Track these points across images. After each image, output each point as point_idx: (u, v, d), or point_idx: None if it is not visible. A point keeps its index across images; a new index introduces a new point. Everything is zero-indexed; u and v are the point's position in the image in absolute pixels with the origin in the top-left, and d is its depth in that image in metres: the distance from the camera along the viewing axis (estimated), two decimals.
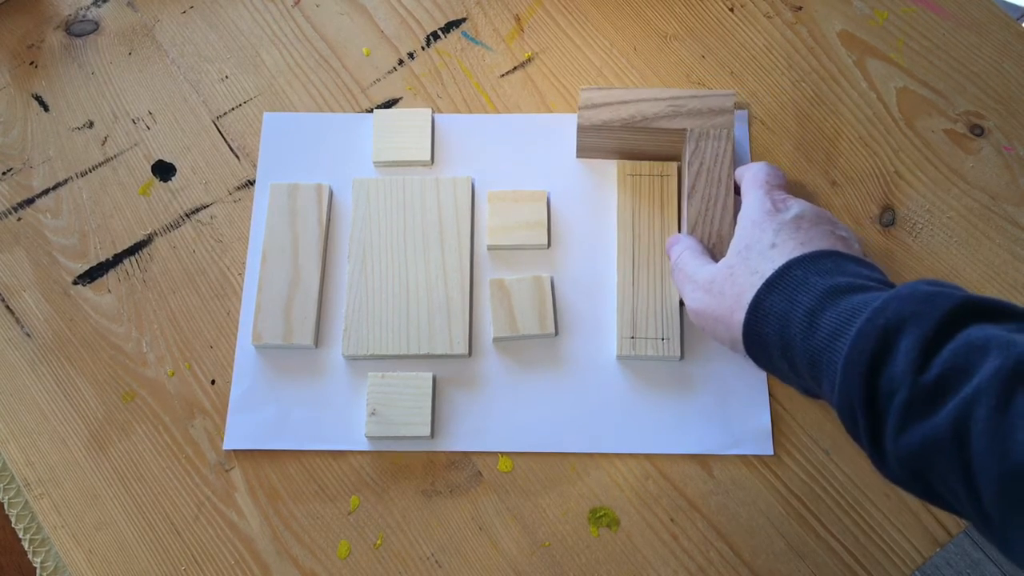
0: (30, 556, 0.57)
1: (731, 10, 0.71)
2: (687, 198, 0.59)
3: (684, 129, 0.61)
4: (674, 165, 0.64)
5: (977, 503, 0.37)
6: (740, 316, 0.48)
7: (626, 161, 0.64)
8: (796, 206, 0.52)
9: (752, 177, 0.55)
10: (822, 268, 0.46)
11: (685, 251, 0.56)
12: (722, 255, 0.57)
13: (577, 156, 0.66)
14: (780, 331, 0.45)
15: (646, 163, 0.64)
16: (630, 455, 0.58)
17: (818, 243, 0.48)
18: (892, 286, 0.45)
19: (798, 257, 0.47)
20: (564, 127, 0.66)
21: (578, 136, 0.63)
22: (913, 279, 0.62)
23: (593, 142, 0.64)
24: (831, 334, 0.42)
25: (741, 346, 0.49)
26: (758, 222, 0.51)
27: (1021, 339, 0.37)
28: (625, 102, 0.62)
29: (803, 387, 0.47)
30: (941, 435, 0.37)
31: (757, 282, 0.48)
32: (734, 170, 0.60)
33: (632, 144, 0.63)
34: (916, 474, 0.40)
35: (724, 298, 0.50)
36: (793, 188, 0.65)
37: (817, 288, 0.45)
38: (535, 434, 0.59)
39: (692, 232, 0.58)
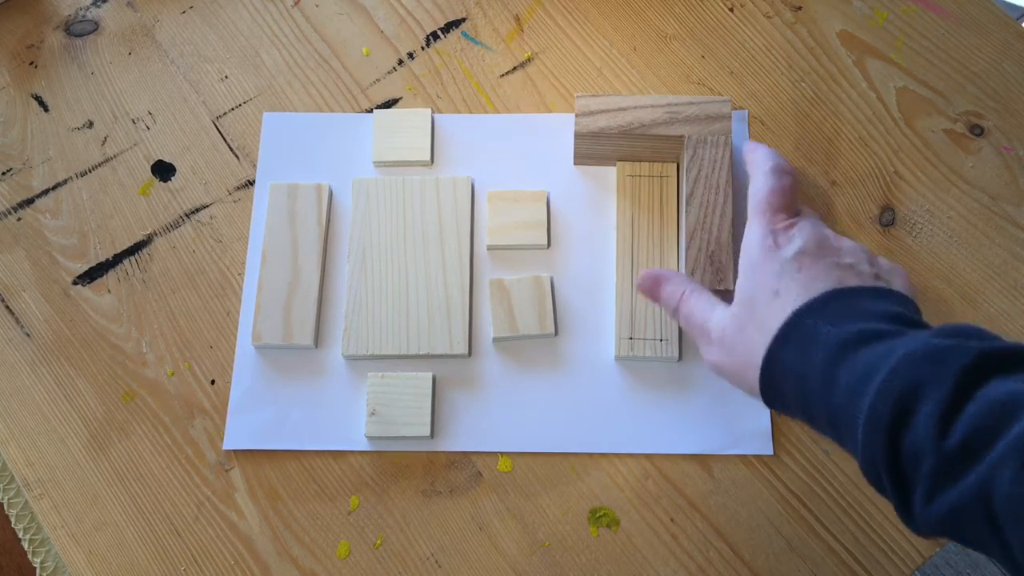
0: (30, 556, 0.58)
1: (731, 10, 0.71)
2: (685, 204, 0.59)
3: (682, 136, 0.61)
4: (674, 166, 0.64)
5: (1012, 561, 0.37)
6: (755, 374, 0.46)
7: (626, 162, 0.64)
8: (798, 237, 0.49)
9: (754, 195, 0.52)
10: (832, 314, 0.44)
11: (690, 295, 0.52)
12: (721, 262, 0.57)
13: (575, 163, 0.65)
14: (797, 388, 0.44)
15: (646, 164, 0.64)
16: (630, 455, 0.58)
17: (823, 281, 0.46)
18: (907, 315, 0.44)
19: (806, 306, 0.45)
20: (564, 127, 0.66)
21: (575, 143, 0.63)
22: (913, 279, 0.62)
23: (590, 149, 0.64)
24: (849, 393, 0.41)
25: (760, 397, 0.48)
26: (759, 264, 0.49)
27: None
28: (622, 109, 0.62)
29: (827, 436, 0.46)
30: (969, 503, 0.37)
31: (766, 340, 0.46)
32: (732, 176, 0.59)
33: (629, 151, 0.63)
34: (948, 534, 0.39)
35: (736, 355, 0.48)
36: None
37: (830, 341, 0.43)
38: (535, 434, 0.59)
39: (691, 239, 0.58)
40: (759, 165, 0.53)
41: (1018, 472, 0.35)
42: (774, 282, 0.47)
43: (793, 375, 0.44)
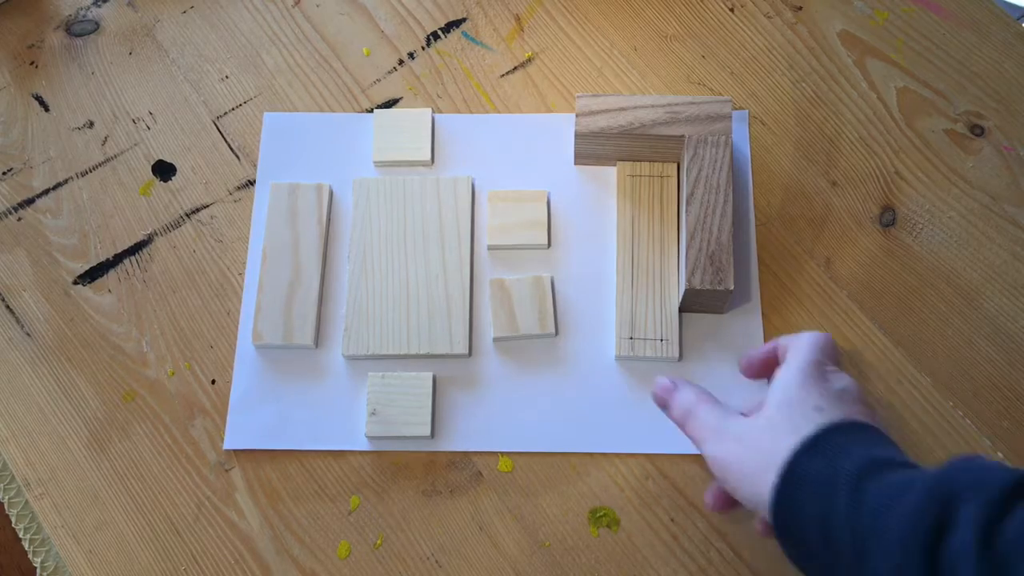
0: (30, 556, 0.57)
1: (731, 10, 0.71)
2: (685, 205, 0.59)
3: (682, 136, 0.61)
4: (674, 166, 0.64)
5: None
6: (771, 477, 0.44)
7: (626, 162, 0.64)
8: (845, 379, 0.49)
9: (805, 343, 0.51)
10: (865, 439, 0.45)
11: (703, 403, 0.51)
12: (721, 262, 0.57)
13: (575, 163, 0.65)
14: (819, 499, 0.43)
15: (646, 164, 0.64)
16: (630, 455, 0.58)
17: (861, 418, 0.47)
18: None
19: (841, 422, 0.45)
20: (564, 127, 0.66)
21: (576, 143, 0.63)
22: (913, 279, 0.62)
23: (590, 149, 0.64)
24: (880, 506, 0.40)
25: (766, 508, 0.45)
26: (805, 384, 0.48)
27: None
28: (622, 109, 0.62)
29: (829, 569, 0.44)
30: None
31: (795, 443, 0.45)
32: (732, 175, 0.59)
33: (629, 151, 0.63)
34: None
35: (759, 453, 0.46)
36: (793, 188, 0.65)
37: (862, 457, 0.43)
38: (535, 434, 0.59)
39: (691, 239, 0.58)
40: (805, 336, 0.52)
41: None
42: (817, 399, 0.47)
43: (817, 483, 0.43)
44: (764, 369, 0.54)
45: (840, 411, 0.46)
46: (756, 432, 0.47)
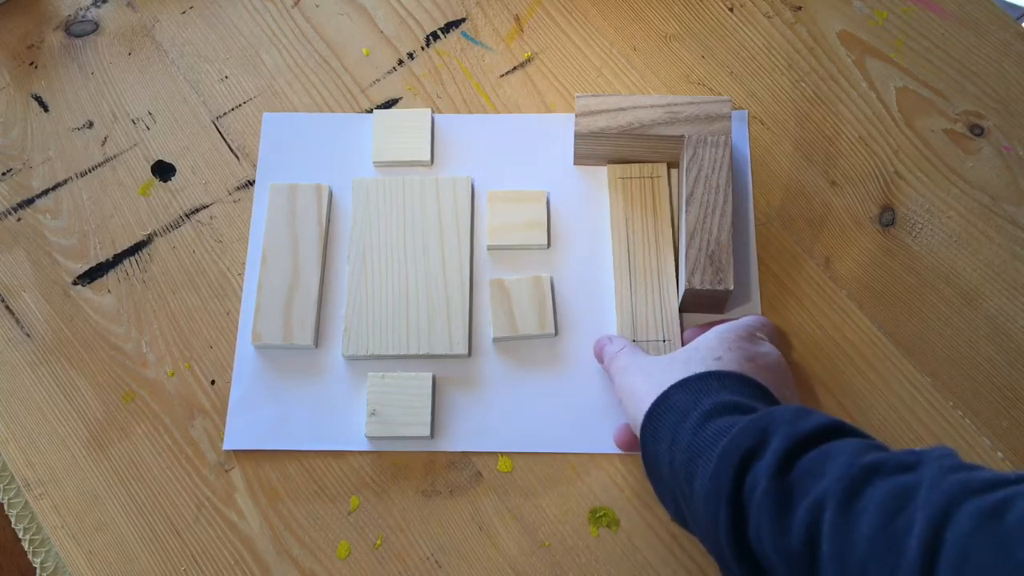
0: (30, 556, 0.57)
1: (731, 10, 0.71)
2: (685, 205, 0.59)
3: (682, 136, 0.61)
4: (663, 166, 0.64)
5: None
6: (649, 401, 0.49)
7: (616, 164, 0.64)
8: (769, 348, 0.53)
9: (744, 318, 0.56)
10: (740, 390, 0.48)
11: (627, 348, 0.56)
12: (721, 261, 0.57)
13: (575, 163, 0.65)
14: (673, 425, 0.47)
15: (635, 165, 0.64)
16: (630, 455, 0.58)
17: (761, 379, 0.49)
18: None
19: (727, 372, 0.49)
20: (564, 127, 0.66)
21: (575, 143, 0.63)
22: (913, 279, 0.62)
23: (590, 149, 0.64)
24: (715, 435, 0.44)
25: (639, 429, 0.50)
26: (725, 337, 0.52)
27: (879, 452, 0.40)
28: (622, 109, 0.62)
29: (672, 500, 0.48)
30: (794, 540, 0.39)
31: (678, 376, 0.49)
32: (731, 175, 0.59)
33: (629, 151, 0.63)
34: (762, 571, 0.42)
35: (650, 383, 0.50)
36: (793, 188, 0.65)
37: (723, 399, 0.46)
38: (535, 434, 0.59)
39: (691, 239, 0.58)
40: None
41: (838, 510, 0.38)
42: (724, 351, 0.51)
43: (677, 412, 0.47)
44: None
45: (737, 366, 0.50)
46: (656, 367, 0.52)
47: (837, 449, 0.41)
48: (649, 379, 0.51)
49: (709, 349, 0.51)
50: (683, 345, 0.58)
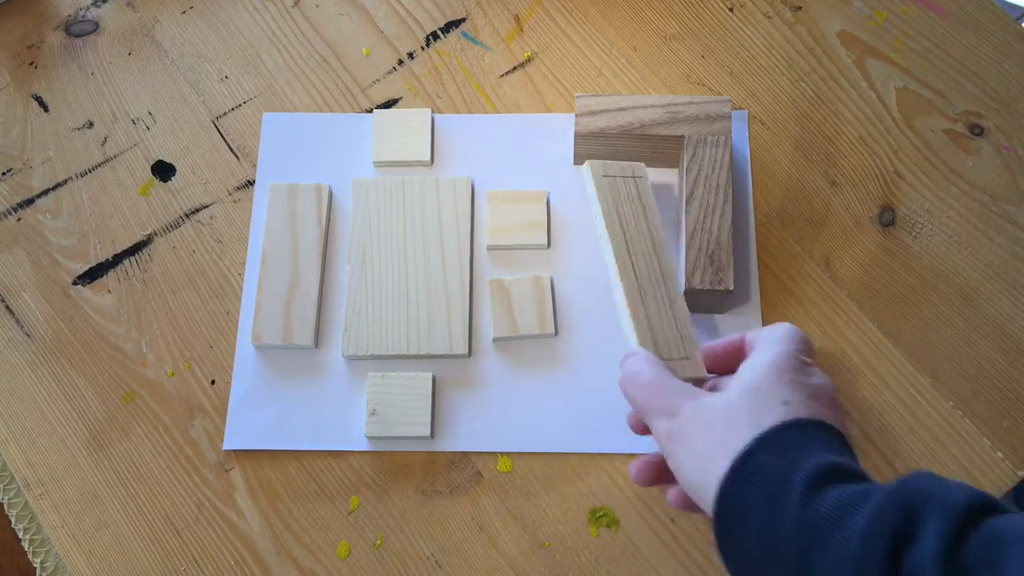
0: (30, 556, 0.57)
1: (731, 10, 0.71)
2: (685, 205, 0.59)
3: (682, 136, 0.61)
4: (641, 165, 0.61)
5: None
6: (721, 466, 0.41)
7: (596, 161, 0.59)
8: (822, 377, 0.46)
9: (784, 333, 0.47)
10: (826, 443, 0.42)
11: (652, 366, 0.47)
12: (721, 262, 0.57)
13: (575, 163, 0.65)
14: (769, 498, 0.40)
15: (615, 164, 0.58)
16: (630, 455, 0.58)
17: (829, 420, 0.43)
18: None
19: (807, 421, 0.42)
20: (564, 127, 0.66)
21: (575, 143, 0.63)
22: (913, 279, 0.62)
23: (590, 149, 0.64)
24: (834, 514, 0.38)
25: (707, 496, 0.42)
26: (776, 374, 0.44)
27: None
28: (622, 109, 0.62)
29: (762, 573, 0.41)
30: None
31: (754, 435, 0.42)
32: (731, 175, 0.59)
33: (629, 151, 0.63)
34: None
35: (712, 437, 0.43)
36: (793, 188, 0.65)
37: (820, 462, 0.40)
38: (535, 434, 0.59)
39: (691, 239, 0.58)
40: (776, 327, 0.49)
41: None
42: (787, 392, 0.44)
43: (770, 479, 0.41)
44: (727, 361, 0.50)
45: (808, 409, 0.43)
46: (712, 414, 0.43)
47: (1004, 531, 0.36)
48: (708, 432, 0.43)
49: (771, 392, 0.43)
50: (701, 362, 0.51)
